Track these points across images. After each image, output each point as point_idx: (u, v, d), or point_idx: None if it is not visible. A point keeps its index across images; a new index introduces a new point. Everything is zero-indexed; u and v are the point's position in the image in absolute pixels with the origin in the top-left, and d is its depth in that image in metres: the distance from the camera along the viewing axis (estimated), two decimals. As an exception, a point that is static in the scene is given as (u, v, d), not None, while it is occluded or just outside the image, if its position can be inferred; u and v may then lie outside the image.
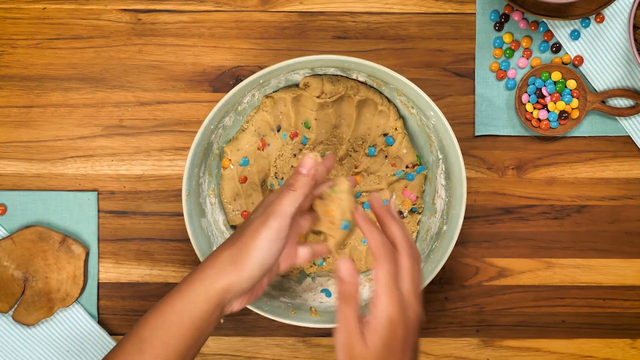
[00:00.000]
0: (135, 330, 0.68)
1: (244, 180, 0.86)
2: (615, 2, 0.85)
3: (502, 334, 0.91)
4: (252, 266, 0.67)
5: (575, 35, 0.87)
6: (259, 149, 0.86)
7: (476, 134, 0.89)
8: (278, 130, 0.86)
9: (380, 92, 0.85)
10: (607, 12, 0.87)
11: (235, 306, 0.69)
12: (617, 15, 0.87)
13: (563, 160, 0.89)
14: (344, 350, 0.63)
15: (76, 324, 0.88)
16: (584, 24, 0.87)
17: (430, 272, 0.80)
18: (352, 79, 0.85)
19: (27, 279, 0.87)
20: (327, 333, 0.90)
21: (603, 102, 0.88)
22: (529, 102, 0.87)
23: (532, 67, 0.88)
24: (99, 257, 0.89)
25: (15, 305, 0.87)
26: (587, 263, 0.90)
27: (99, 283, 0.89)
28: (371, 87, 0.85)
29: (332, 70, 0.83)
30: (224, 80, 0.88)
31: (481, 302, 0.90)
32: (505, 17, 0.87)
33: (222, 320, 0.69)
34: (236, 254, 0.67)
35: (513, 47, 0.88)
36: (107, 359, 0.68)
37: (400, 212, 0.87)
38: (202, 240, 0.80)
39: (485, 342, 0.91)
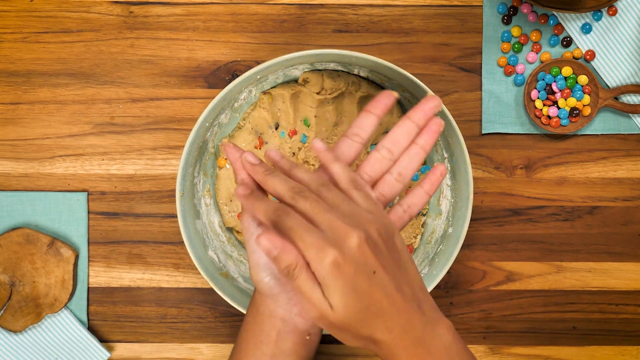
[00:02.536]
0: None
1: (240, 180, 0.85)
2: (628, -7, 0.85)
3: (510, 340, 0.89)
4: (251, 271, 0.66)
5: (586, 28, 0.86)
6: (256, 147, 0.84)
7: (483, 131, 0.88)
8: (276, 128, 0.85)
9: (383, 88, 0.84)
10: (620, 4, 0.86)
11: (302, 324, 0.67)
12: (631, 7, 0.86)
13: (574, 159, 0.88)
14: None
15: (65, 331, 0.87)
16: (595, 17, 0.86)
17: (435, 276, 0.79)
18: (354, 74, 0.84)
19: (13, 284, 0.86)
20: (326, 340, 0.89)
21: (616, 98, 0.87)
22: (538, 98, 0.86)
23: (542, 62, 0.87)
24: (89, 261, 0.88)
25: (2, 311, 0.86)
26: (599, 267, 0.89)
27: (88, 288, 0.88)
28: (373, 82, 0.84)
29: (332, 66, 0.82)
30: (219, 75, 0.87)
31: (488, 307, 0.89)
32: (514, 10, 0.86)
33: (307, 337, 0.67)
34: None
35: (522, 41, 0.87)
36: None
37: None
38: (197, 242, 0.79)
39: (492, 349, 0.89)
